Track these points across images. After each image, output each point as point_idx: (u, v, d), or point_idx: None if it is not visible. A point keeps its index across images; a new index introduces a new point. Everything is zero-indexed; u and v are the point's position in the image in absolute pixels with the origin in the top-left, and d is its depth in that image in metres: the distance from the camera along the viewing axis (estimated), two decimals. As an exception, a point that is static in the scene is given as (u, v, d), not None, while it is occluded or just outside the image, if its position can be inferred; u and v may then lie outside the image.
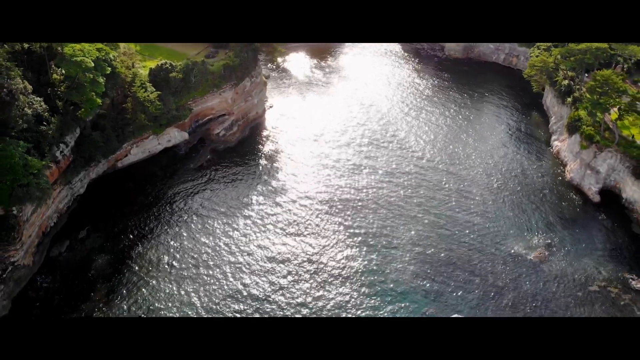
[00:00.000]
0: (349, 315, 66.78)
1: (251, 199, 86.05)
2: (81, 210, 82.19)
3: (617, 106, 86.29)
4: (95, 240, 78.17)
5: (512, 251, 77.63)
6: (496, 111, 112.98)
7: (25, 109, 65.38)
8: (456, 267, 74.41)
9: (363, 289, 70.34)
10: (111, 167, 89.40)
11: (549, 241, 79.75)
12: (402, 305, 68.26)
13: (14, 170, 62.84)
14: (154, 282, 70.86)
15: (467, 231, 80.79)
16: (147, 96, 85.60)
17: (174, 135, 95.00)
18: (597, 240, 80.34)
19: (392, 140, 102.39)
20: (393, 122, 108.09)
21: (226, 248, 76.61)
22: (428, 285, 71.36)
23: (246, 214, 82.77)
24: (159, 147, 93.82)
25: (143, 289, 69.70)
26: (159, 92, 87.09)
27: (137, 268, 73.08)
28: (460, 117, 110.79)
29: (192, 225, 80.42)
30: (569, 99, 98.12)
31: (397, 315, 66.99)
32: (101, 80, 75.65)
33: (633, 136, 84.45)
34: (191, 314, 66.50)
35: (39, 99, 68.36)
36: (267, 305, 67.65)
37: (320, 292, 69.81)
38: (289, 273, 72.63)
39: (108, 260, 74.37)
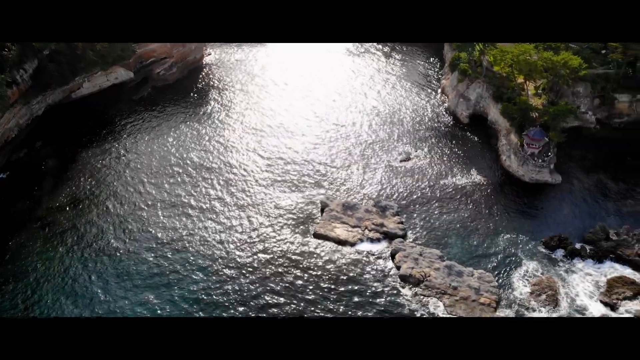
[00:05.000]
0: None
1: (183, 119, 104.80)
2: (39, 129, 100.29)
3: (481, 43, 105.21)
4: (49, 150, 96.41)
5: (388, 159, 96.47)
6: (405, 61, 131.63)
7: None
8: (339, 169, 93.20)
9: (264, 175, 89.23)
10: (66, 97, 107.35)
11: (420, 151, 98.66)
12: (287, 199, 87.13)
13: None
14: (106, 171, 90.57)
15: (357, 147, 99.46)
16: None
17: (121, 74, 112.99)
18: (459, 150, 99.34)
19: (310, 82, 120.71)
20: (316, 69, 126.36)
21: (164, 148, 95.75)
22: (316, 183, 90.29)
23: (178, 129, 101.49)
24: (107, 83, 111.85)
25: (96, 174, 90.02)
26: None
27: (90, 163, 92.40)
28: (372, 66, 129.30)
29: (137, 136, 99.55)
30: (455, 45, 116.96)
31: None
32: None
33: (492, 65, 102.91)
34: (132, 190, 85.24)
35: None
36: (204, 173, 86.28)
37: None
38: (216, 157, 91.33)
39: (61, 162, 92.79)
